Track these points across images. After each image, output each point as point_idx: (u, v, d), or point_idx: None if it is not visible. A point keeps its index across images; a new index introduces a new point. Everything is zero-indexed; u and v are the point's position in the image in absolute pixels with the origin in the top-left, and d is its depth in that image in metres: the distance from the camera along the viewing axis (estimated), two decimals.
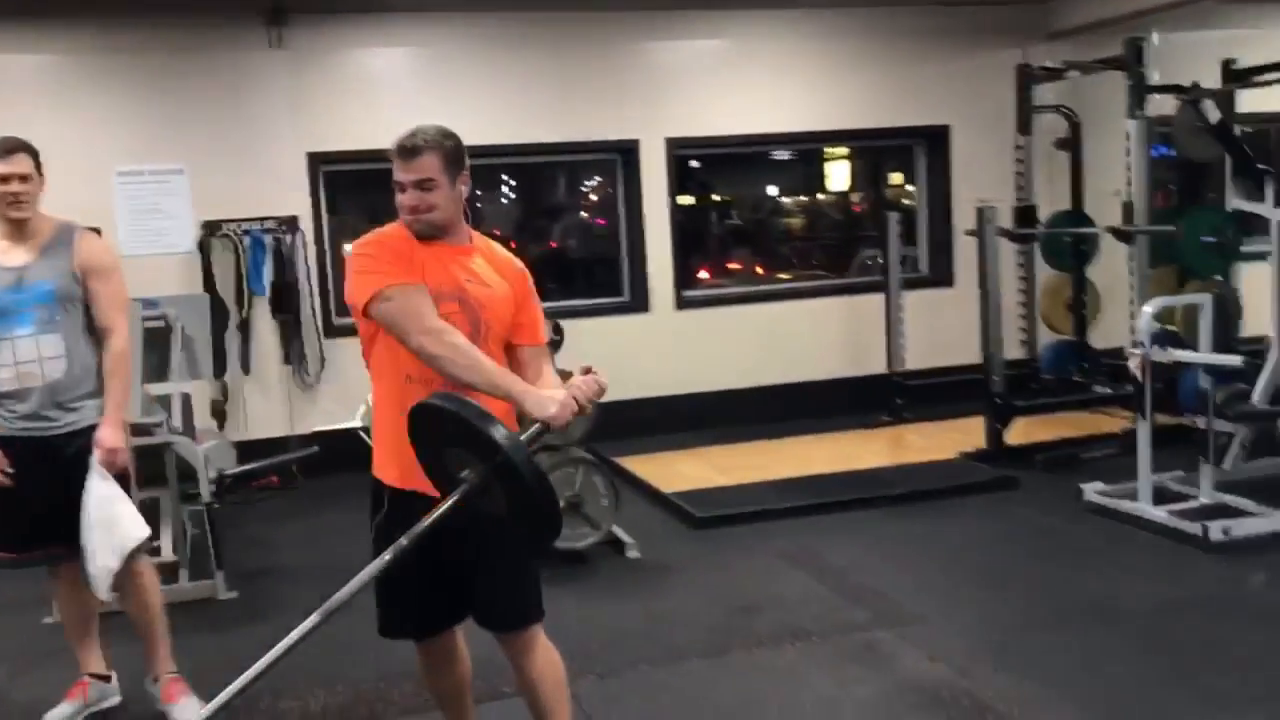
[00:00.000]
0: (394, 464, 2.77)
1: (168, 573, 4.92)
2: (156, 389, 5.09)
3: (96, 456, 3.41)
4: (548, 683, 2.81)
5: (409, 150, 2.66)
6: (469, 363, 2.55)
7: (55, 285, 3.43)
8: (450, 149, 2.70)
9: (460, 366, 2.54)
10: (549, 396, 2.55)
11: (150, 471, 4.93)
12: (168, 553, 5.03)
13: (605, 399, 4.90)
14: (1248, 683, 3.49)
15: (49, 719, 3.60)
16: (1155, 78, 6.37)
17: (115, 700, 3.76)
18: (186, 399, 5.68)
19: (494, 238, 2.99)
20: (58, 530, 3.44)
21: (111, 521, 3.42)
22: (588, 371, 2.67)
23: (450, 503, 2.38)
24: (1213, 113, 5.44)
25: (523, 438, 2.39)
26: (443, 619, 2.86)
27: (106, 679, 3.76)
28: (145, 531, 3.53)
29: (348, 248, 2.88)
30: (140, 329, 4.99)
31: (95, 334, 3.53)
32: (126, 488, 3.55)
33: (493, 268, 2.79)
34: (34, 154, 3.50)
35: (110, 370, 3.51)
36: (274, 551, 5.55)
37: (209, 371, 5.69)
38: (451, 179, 2.70)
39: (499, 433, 2.28)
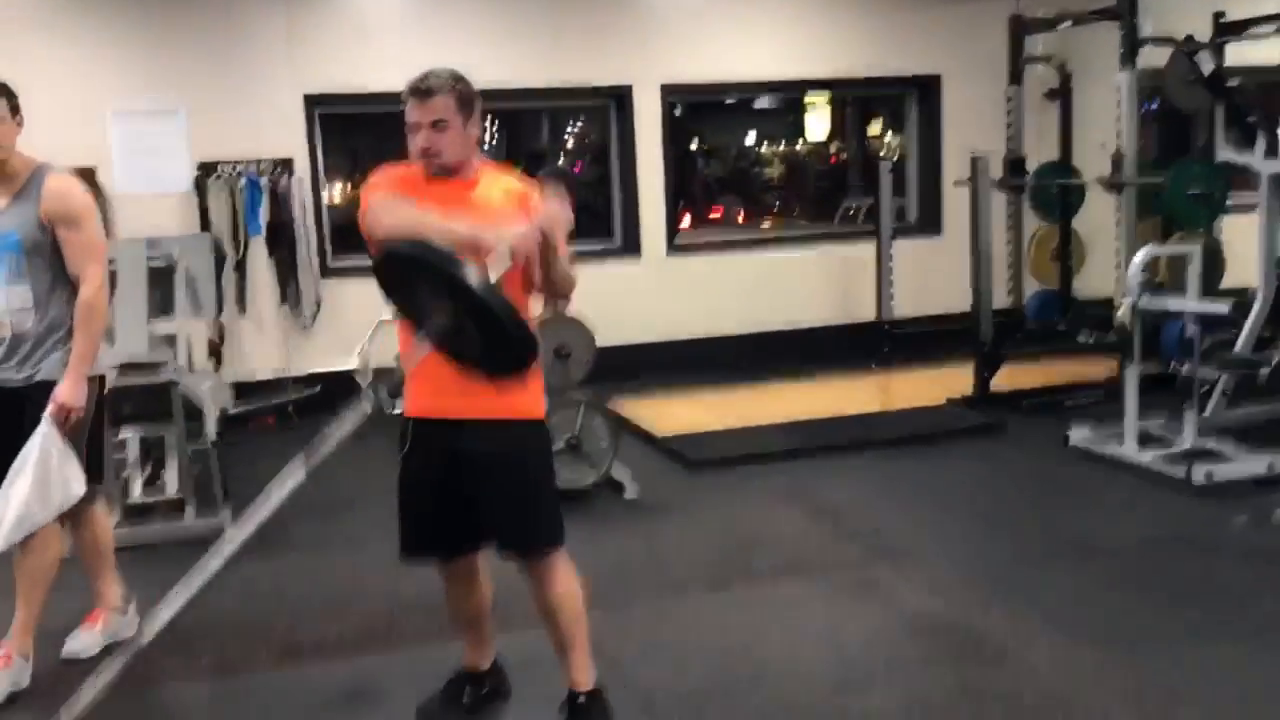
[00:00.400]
0: (411, 396, 2.86)
1: (174, 509, 5.00)
2: (161, 327, 5.11)
3: (49, 410, 3.27)
4: (566, 611, 2.92)
5: (423, 92, 2.71)
6: (429, 222, 2.59)
7: (21, 235, 3.30)
8: (463, 91, 2.76)
9: (424, 228, 2.56)
10: (508, 229, 2.58)
11: (155, 409, 4.98)
12: (173, 490, 5.10)
13: (600, 344, 4.97)
14: (1232, 617, 3.63)
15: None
16: (1148, 29, 6.44)
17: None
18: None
19: None
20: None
21: (48, 479, 3.26)
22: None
23: (429, 343, 2.47)
24: (1206, 64, 5.52)
25: (491, 274, 2.45)
26: (463, 543, 2.95)
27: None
28: (83, 489, 3.38)
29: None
30: (145, 268, 5.04)
31: (70, 283, 3.39)
32: (79, 438, 3.39)
33: (497, 195, 2.82)
34: (8, 95, 3.34)
35: (80, 320, 3.35)
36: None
37: (212, 311, 5.72)
38: (464, 121, 2.75)
39: (463, 269, 2.34)
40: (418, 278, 2.45)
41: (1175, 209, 6.45)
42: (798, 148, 9.89)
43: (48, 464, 3.26)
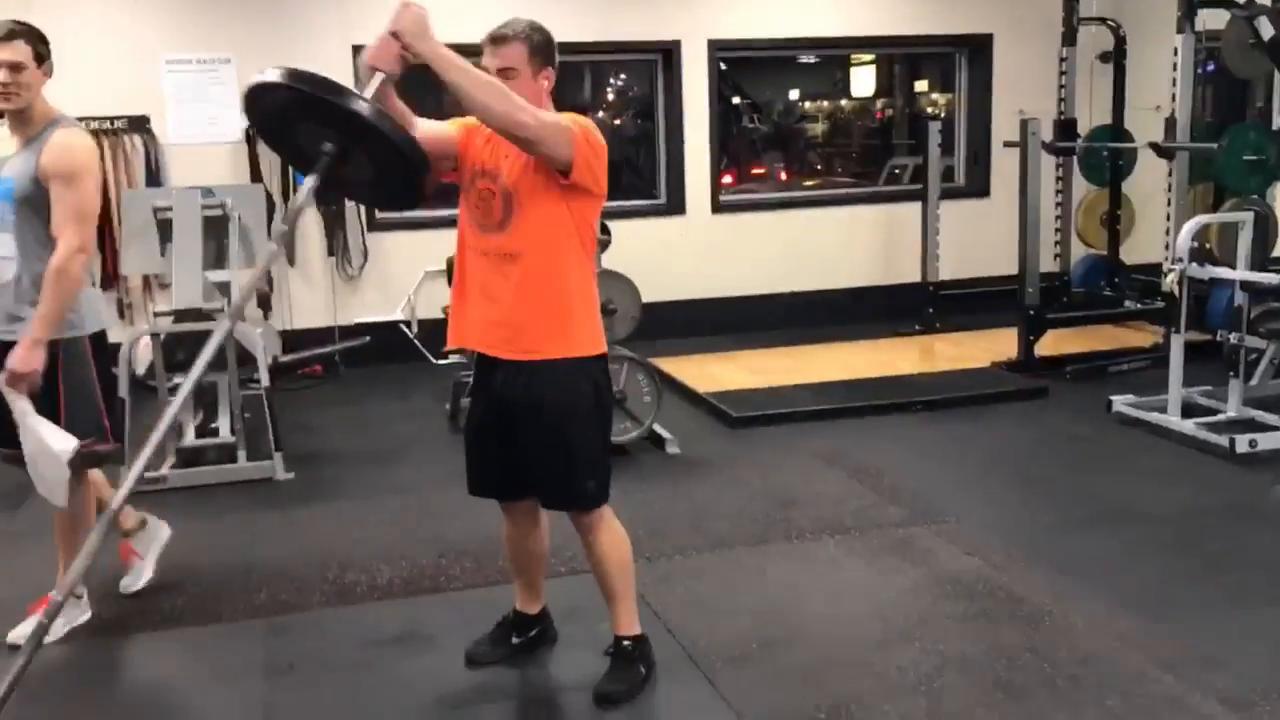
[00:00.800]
0: (453, 328, 2.96)
1: (226, 454, 5.13)
2: (215, 276, 5.21)
3: (3, 378, 3.17)
4: (611, 562, 3.00)
5: (497, 39, 2.78)
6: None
7: (15, 184, 3.22)
8: (538, 43, 2.80)
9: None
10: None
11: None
12: (226, 435, 5.23)
13: (644, 300, 5.02)
14: (1269, 585, 3.65)
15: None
16: None
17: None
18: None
19: None
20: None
21: (42, 442, 3.17)
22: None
23: (316, 175, 2.48)
24: (1266, 28, 5.43)
25: (366, 92, 2.47)
26: (518, 489, 3.02)
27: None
28: (72, 442, 3.20)
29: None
30: (200, 217, 5.13)
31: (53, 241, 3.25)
32: (83, 398, 3.32)
33: None
34: (34, 40, 3.21)
35: (45, 281, 3.18)
36: (322, 436, 5.73)
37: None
38: (534, 71, 2.80)
39: (344, 94, 2.36)
40: (293, 110, 2.45)
41: (1229, 175, 6.37)
42: (843, 104, 9.81)
43: (34, 430, 3.17)
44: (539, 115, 2.64)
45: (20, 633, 3.31)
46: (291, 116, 2.50)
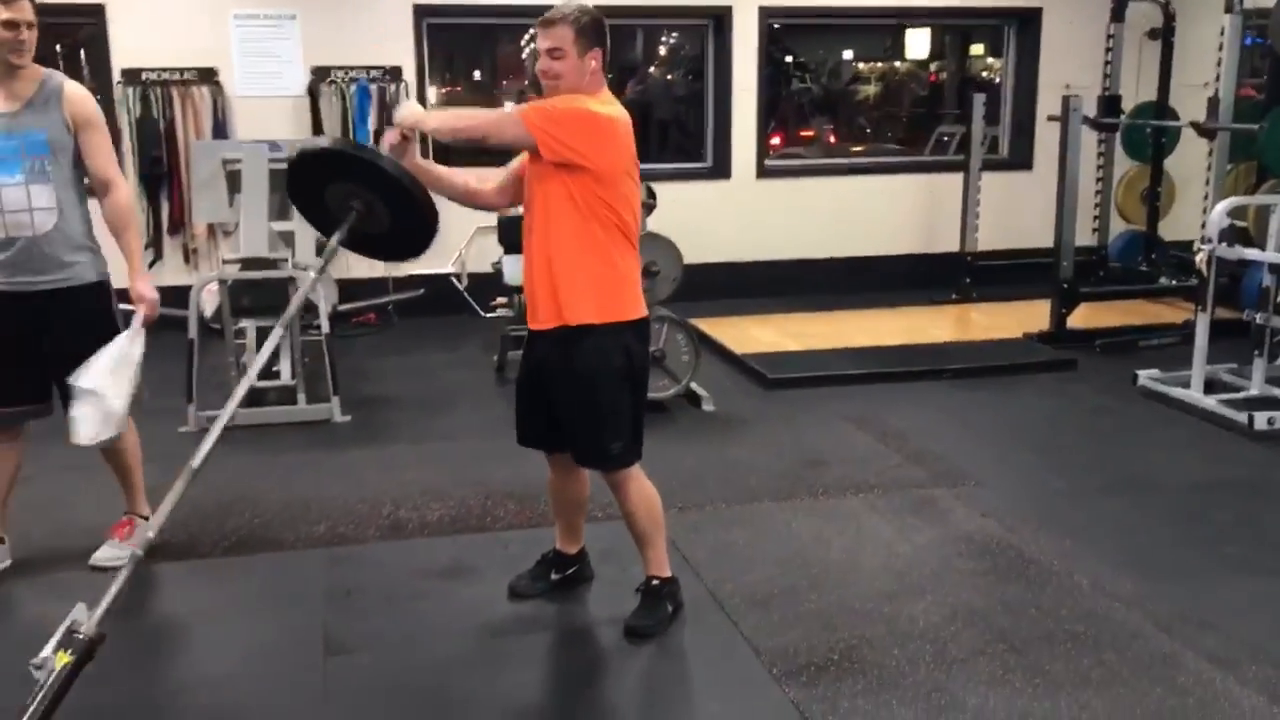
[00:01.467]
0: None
1: (287, 396, 5.43)
2: (279, 226, 5.48)
3: (143, 311, 3.42)
4: (640, 514, 3.24)
5: (547, 21, 3.00)
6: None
7: (49, 134, 3.36)
8: (586, 24, 3.01)
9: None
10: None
11: (273, 303, 5.37)
12: (286, 378, 5.52)
13: (686, 262, 5.25)
14: (1268, 555, 3.83)
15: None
16: None
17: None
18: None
19: None
20: (28, 388, 3.52)
21: (124, 380, 3.35)
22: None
23: (345, 226, 2.88)
24: None
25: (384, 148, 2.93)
26: (559, 442, 3.27)
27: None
28: (113, 431, 3.39)
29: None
30: (266, 169, 5.40)
31: (81, 189, 3.48)
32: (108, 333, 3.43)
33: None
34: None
35: (124, 224, 3.48)
36: (377, 383, 6.02)
37: None
38: (580, 51, 3.01)
39: (371, 151, 2.75)
40: (327, 173, 2.83)
41: (1269, 156, 6.46)
42: (897, 65, 9.87)
43: (128, 368, 3.35)
44: (481, 116, 3.15)
45: (104, 555, 3.68)
46: (327, 178, 2.86)
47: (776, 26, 8.22)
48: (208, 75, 7.02)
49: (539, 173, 3.01)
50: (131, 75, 6.90)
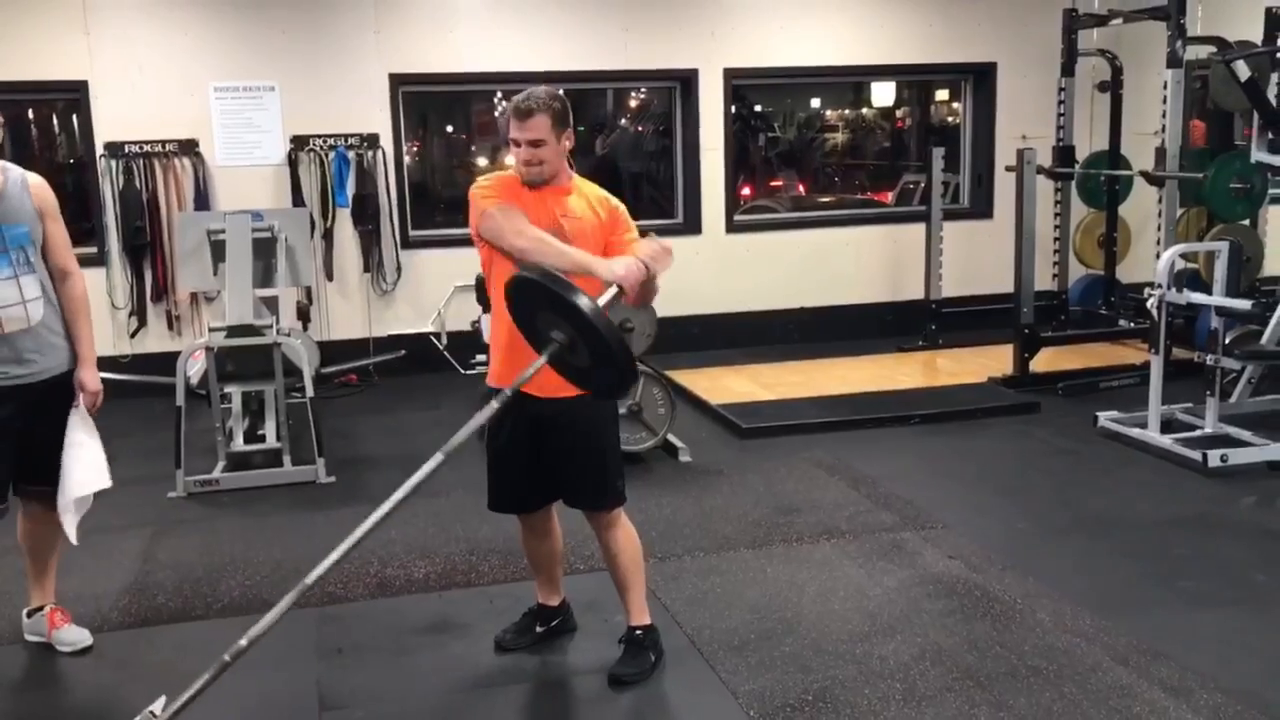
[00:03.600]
0: (499, 368, 3.33)
1: (272, 459, 5.56)
2: (263, 293, 5.64)
3: (84, 401, 3.51)
4: (626, 555, 3.40)
5: (523, 112, 3.14)
6: (549, 248, 3.03)
7: (29, 227, 3.40)
8: (558, 110, 3.19)
9: (543, 253, 3.01)
10: (618, 261, 3.04)
11: (257, 368, 5.52)
12: (272, 440, 5.65)
13: (661, 315, 5.43)
14: (1221, 587, 4.02)
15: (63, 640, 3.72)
16: (1196, 28, 6.68)
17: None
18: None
19: None
20: (26, 474, 3.52)
21: (83, 470, 3.48)
22: (648, 235, 3.22)
23: (544, 357, 2.89)
24: (1243, 71, 5.78)
25: (601, 301, 2.87)
26: (539, 498, 3.44)
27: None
28: (108, 482, 3.58)
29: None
30: (249, 238, 5.56)
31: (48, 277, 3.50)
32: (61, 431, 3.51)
33: (585, 203, 3.30)
34: None
35: (79, 311, 3.53)
36: (360, 443, 6.15)
37: (310, 278, 6.24)
38: (558, 136, 3.20)
39: (579, 297, 2.75)
40: (540, 301, 2.86)
41: (1215, 202, 6.73)
42: (863, 113, 10.15)
43: (81, 456, 3.48)
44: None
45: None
46: (537, 306, 2.90)
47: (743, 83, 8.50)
48: (189, 146, 7.20)
49: None
50: (114, 148, 7.07)
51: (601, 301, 2.86)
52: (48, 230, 3.47)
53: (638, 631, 3.44)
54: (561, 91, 3.28)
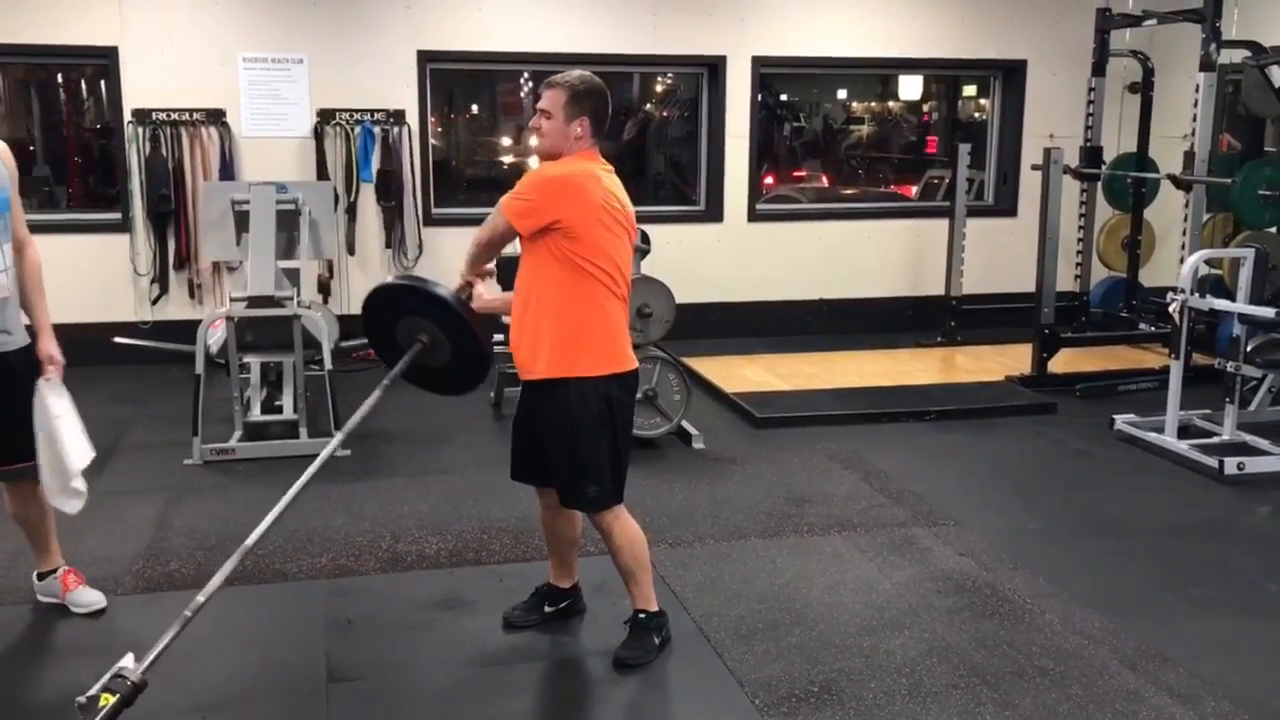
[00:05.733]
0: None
1: (289, 430, 5.58)
2: (285, 265, 5.66)
3: (54, 373, 3.43)
4: (624, 553, 3.40)
5: (549, 83, 3.23)
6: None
7: (6, 194, 3.33)
8: (580, 92, 3.20)
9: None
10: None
11: (277, 339, 5.55)
12: (289, 412, 5.68)
13: (679, 302, 5.50)
14: (1232, 595, 4.01)
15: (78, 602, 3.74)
16: (1231, 31, 6.61)
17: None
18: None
19: None
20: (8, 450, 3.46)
21: (65, 441, 3.44)
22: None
23: (408, 356, 3.17)
24: (1277, 76, 5.72)
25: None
26: (549, 478, 3.44)
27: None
28: (91, 454, 3.56)
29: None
30: (273, 210, 5.58)
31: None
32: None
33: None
34: None
35: (38, 284, 3.45)
36: (376, 417, 5.95)
37: (332, 251, 6.26)
38: (568, 117, 3.19)
39: (439, 288, 3.03)
40: (399, 307, 3.12)
41: (1243, 208, 6.68)
42: (890, 105, 10.10)
43: (61, 427, 3.44)
44: (481, 229, 3.27)
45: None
46: (397, 312, 3.15)
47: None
48: (216, 116, 7.22)
49: (525, 245, 3.23)
50: (142, 115, 7.09)
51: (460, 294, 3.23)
52: (13, 198, 3.39)
53: (642, 615, 3.44)
54: (597, 79, 3.28)
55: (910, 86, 9.90)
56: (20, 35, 6.90)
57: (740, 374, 6.99)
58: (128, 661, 2.73)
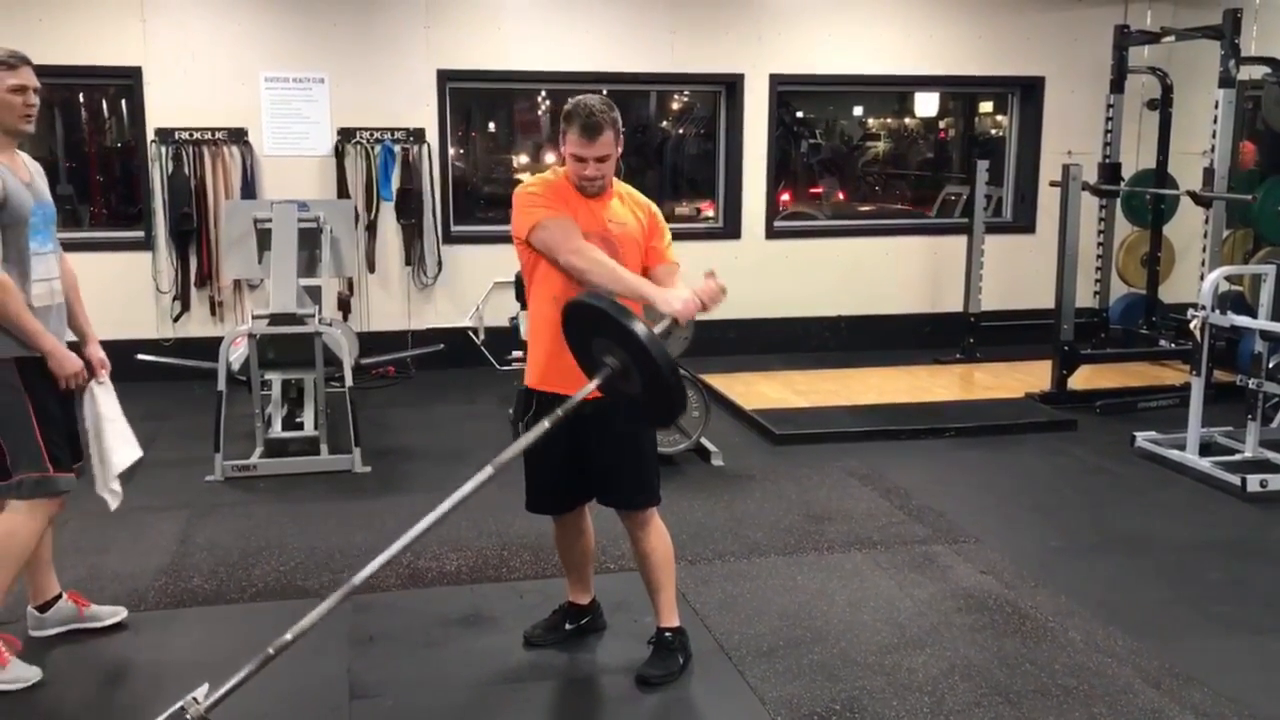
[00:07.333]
0: (540, 371, 3.34)
1: (310, 447, 5.62)
2: (306, 282, 5.70)
3: (104, 375, 3.54)
4: (658, 555, 3.41)
5: (592, 128, 3.13)
6: (608, 272, 3.08)
7: (52, 206, 3.43)
8: (617, 123, 3.22)
9: (601, 276, 3.06)
10: (676, 295, 3.11)
11: (298, 356, 5.58)
12: (310, 429, 5.71)
13: (698, 318, 5.52)
14: (1256, 614, 3.98)
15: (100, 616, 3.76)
16: (1251, 48, 6.60)
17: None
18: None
19: None
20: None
21: (108, 442, 3.52)
22: (710, 276, 3.21)
23: (595, 382, 2.95)
24: None
25: (656, 329, 2.91)
26: (575, 499, 3.46)
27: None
28: (140, 452, 3.64)
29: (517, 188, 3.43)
30: (295, 228, 5.63)
31: None
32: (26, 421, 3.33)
33: (626, 208, 3.33)
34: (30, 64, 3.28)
35: (78, 292, 3.58)
36: (396, 434, 6.20)
37: (352, 269, 6.30)
38: (618, 148, 3.24)
39: (637, 325, 2.78)
40: (596, 325, 2.90)
41: (1264, 225, 6.66)
42: (906, 122, 10.11)
43: (113, 429, 3.54)
44: (575, 263, 3.10)
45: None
46: (592, 330, 2.95)
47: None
48: (238, 135, 7.28)
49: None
50: (165, 134, 7.16)
51: (657, 330, 2.90)
52: None
53: (667, 633, 3.45)
54: (605, 93, 3.30)
55: (927, 103, 9.90)
56: (46, 56, 6.88)
57: (759, 391, 7.00)
58: (200, 693, 2.72)
